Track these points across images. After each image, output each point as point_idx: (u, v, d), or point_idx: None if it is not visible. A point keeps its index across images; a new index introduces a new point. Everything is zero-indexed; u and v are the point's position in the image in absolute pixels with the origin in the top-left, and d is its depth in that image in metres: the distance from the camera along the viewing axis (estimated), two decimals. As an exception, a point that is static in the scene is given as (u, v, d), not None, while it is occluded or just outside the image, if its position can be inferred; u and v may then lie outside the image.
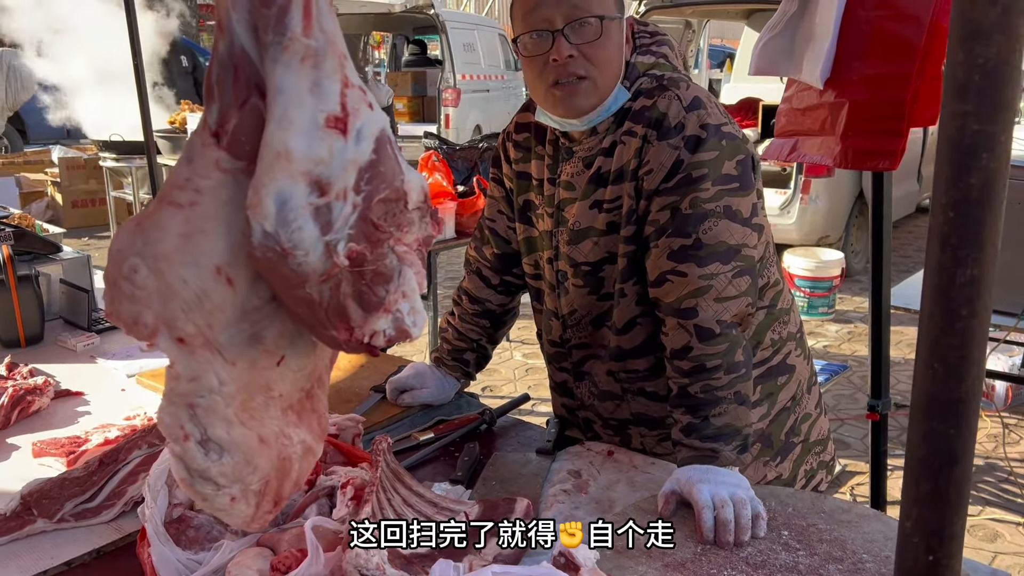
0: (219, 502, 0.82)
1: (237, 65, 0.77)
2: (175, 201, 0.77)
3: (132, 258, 0.76)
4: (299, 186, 0.74)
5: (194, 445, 0.79)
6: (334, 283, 0.77)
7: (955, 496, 0.68)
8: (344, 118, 0.76)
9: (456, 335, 1.80)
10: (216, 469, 0.80)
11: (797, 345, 1.63)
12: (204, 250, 0.77)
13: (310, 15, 0.74)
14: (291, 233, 0.74)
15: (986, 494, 3.35)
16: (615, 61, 1.42)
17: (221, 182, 0.77)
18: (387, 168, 0.78)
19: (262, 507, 0.86)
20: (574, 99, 1.40)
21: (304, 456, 0.90)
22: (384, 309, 0.80)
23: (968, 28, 0.61)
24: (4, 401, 1.66)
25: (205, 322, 0.77)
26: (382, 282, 0.80)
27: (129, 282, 0.76)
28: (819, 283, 5.52)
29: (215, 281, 0.77)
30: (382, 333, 0.81)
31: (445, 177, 3.83)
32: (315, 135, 0.74)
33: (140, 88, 3.57)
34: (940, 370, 0.66)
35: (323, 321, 0.79)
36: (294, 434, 0.88)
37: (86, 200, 7.89)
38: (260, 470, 0.83)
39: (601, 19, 1.37)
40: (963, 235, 0.63)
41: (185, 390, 0.79)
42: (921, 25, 1.90)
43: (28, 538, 1.26)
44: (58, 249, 2.48)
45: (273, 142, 0.73)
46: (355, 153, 0.76)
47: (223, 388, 0.79)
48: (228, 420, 0.80)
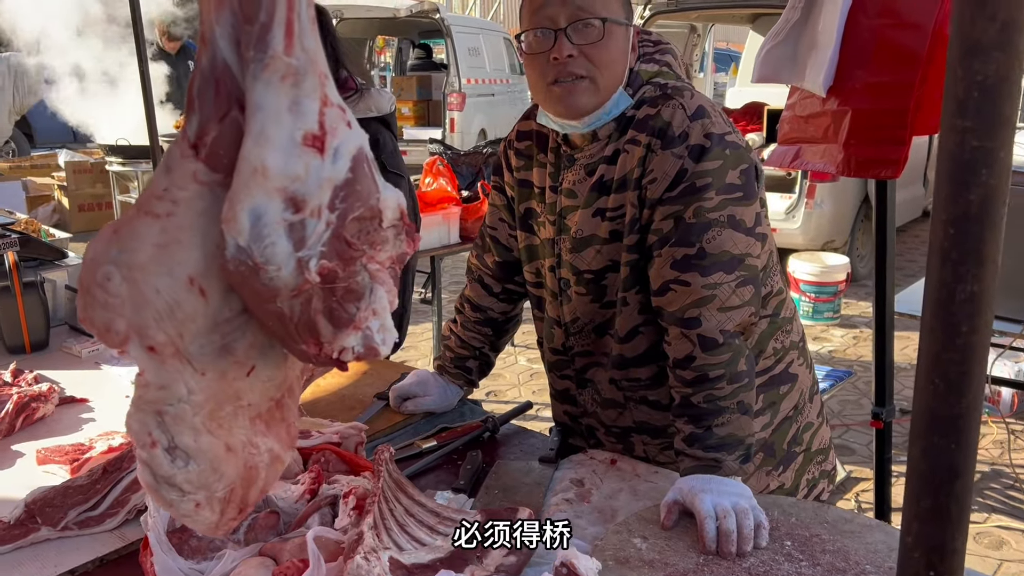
0: (184, 508, 0.83)
1: (219, 78, 0.78)
2: (152, 211, 0.78)
3: (106, 266, 0.77)
4: (274, 202, 0.75)
5: (161, 452, 0.81)
6: (305, 298, 0.78)
7: (956, 511, 0.68)
8: (322, 136, 0.77)
9: (459, 343, 1.81)
10: (182, 476, 0.81)
11: (799, 354, 1.63)
12: (178, 261, 0.78)
13: (292, 34, 0.75)
14: (264, 248, 0.75)
15: (992, 501, 3.34)
16: (617, 64, 1.42)
17: (198, 194, 0.78)
18: (363, 187, 0.79)
19: (227, 513, 0.87)
20: (573, 97, 1.41)
21: (271, 464, 0.92)
22: (354, 326, 0.81)
23: (967, 45, 0.61)
24: (9, 408, 1.67)
25: (176, 332, 0.78)
26: (353, 299, 0.81)
27: (102, 289, 0.76)
28: (824, 288, 5.51)
29: (188, 292, 0.78)
30: (351, 349, 0.82)
31: (450, 182, 3.85)
32: (292, 152, 0.75)
33: (146, 92, 3.59)
34: (941, 385, 0.66)
35: (293, 335, 0.80)
36: (262, 443, 0.90)
37: (92, 204, 7.92)
38: (226, 477, 0.85)
39: (604, 21, 1.37)
40: (963, 251, 0.63)
41: (154, 397, 0.80)
42: (924, 33, 1.90)
43: (32, 546, 1.27)
44: (63, 255, 2.49)
45: (250, 157, 0.74)
46: (331, 171, 0.77)
47: (192, 397, 0.81)
48: (195, 428, 0.81)
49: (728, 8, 6.99)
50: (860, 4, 2.01)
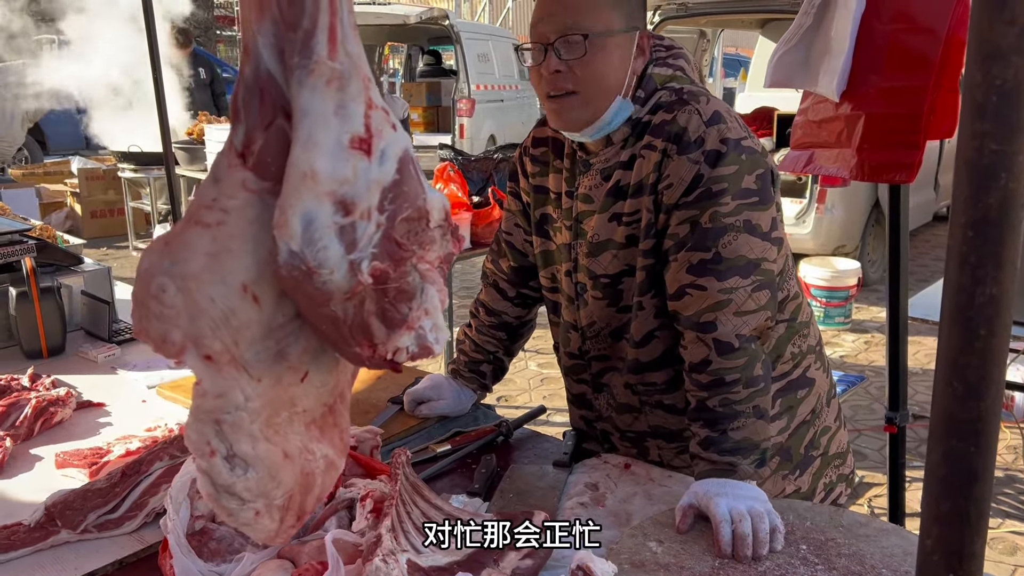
0: (244, 516, 0.83)
1: (263, 87, 0.79)
2: (202, 221, 0.78)
3: (160, 277, 0.77)
4: (324, 206, 0.75)
5: (220, 460, 0.80)
6: (358, 301, 0.78)
7: (975, 515, 0.68)
8: (368, 139, 0.77)
9: (473, 347, 1.81)
10: (242, 484, 0.81)
11: (817, 358, 1.63)
12: (231, 269, 0.78)
13: (335, 39, 0.76)
14: (316, 252, 0.75)
15: (1006, 507, 3.32)
16: (608, 77, 1.42)
17: (247, 202, 0.79)
18: (410, 188, 0.80)
19: (286, 521, 0.87)
20: (565, 112, 1.44)
21: (326, 470, 0.91)
22: (407, 326, 0.81)
23: (986, 49, 0.62)
24: (27, 412, 1.68)
25: (232, 340, 0.79)
26: (405, 299, 0.81)
27: (157, 301, 0.77)
28: (835, 293, 5.50)
29: (242, 299, 0.78)
30: (405, 350, 0.82)
31: (460, 188, 3.86)
32: (340, 156, 0.76)
33: (159, 100, 3.61)
34: (959, 389, 0.66)
35: (347, 338, 0.80)
36: (317, 449, 0.90)
37: (105, 210, 7.97)
38: (284, 485, 0.84)
39: (586, 37, 1.38)
40: (982, 255, 0.64)
41: (212, 406, 0.80)
42: (937, 38, 1.90)
43: (52, 549, 1.28)
44: (79, 261, 2.51)
45: (299, 163, 0.75)
46: (379, 173, 0.78)
47: (249, 404, 0.81)
48: (253, 436, 0.81)
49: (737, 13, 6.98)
50: (874, 9, 2.01)
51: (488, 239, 3.61)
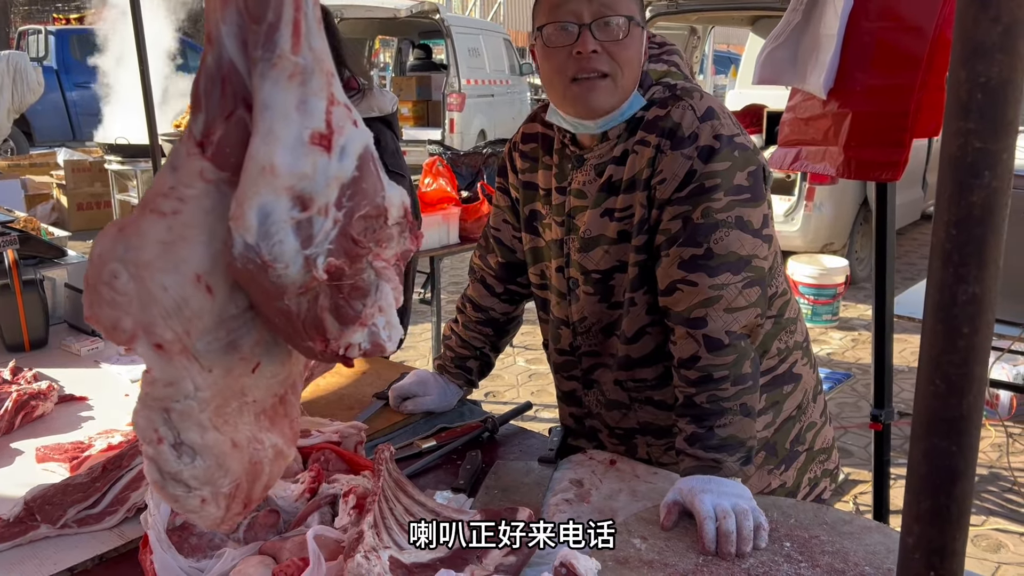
0: (190, 504, 0.84)
1: (225, 77, 0.78)
2: (158, 209, 0.78)
3: (113, 263, 0.77)
4: (282, 200, 0.75)
5: (167, 448, 0.81)
6: (312, 296, 0.79)
7: (957, 513, 0.68)
8: (329, 135, 0.77)
9: (459, 343, 1.81)
10: (188, 472, 0.82)
11: (803, 354, 1.63)
12: (185, 258, 0.78)
13: (299, 33, 0.76)
14: (272, 246, 0.75)
15: (990, 504, 3.34)
16: (636, 65, 1.42)
17: (204, 192, 0.79)
18: (369, 184, 0.80)
19: (232, 509, 0.87)
20: (592, 95, 1.40)
21: (275, 460, 0.92)
22: (360, 323, 0.81)
23: (970, 47, 0.61)
24: (8, 406, 1.67)
25: (183, 329, 0.79)
26: (359, 296, 0.81)
27: (109, 287, 0.77)
28: (823, 290, 5.52)
29: (195, 289, 0.78)
30: (357, 346, 0.82)
31: (449, 183, 3.85)
32: (300, 151, 0.76)
33: (146, 92, 3.59)
34: (942, 387, 0.66)
35: (300, 332, 0.81)
36: (266, 438, 0.90)
37: (91, 203, 7.91)
38: (231, 473, 0.85)
39: (629, 20, 1.38)
40: (965, 253, 0.64)
41: (161, 395, 0.80)
42: (924, 37, 1.91)
43: (31, 544, 1.27)
44: (63, 254, 2.49)
45: (258, 156, 0.74)
46: (338, 169, 0.78)
47: (198, 393, 0.81)
48: (202, 425, 0.81)
49: (728, 10, 6.99)
50: (861, 7, 2.02)
51: (476, 234, 3.60)
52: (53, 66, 12.96)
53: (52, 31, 13.63)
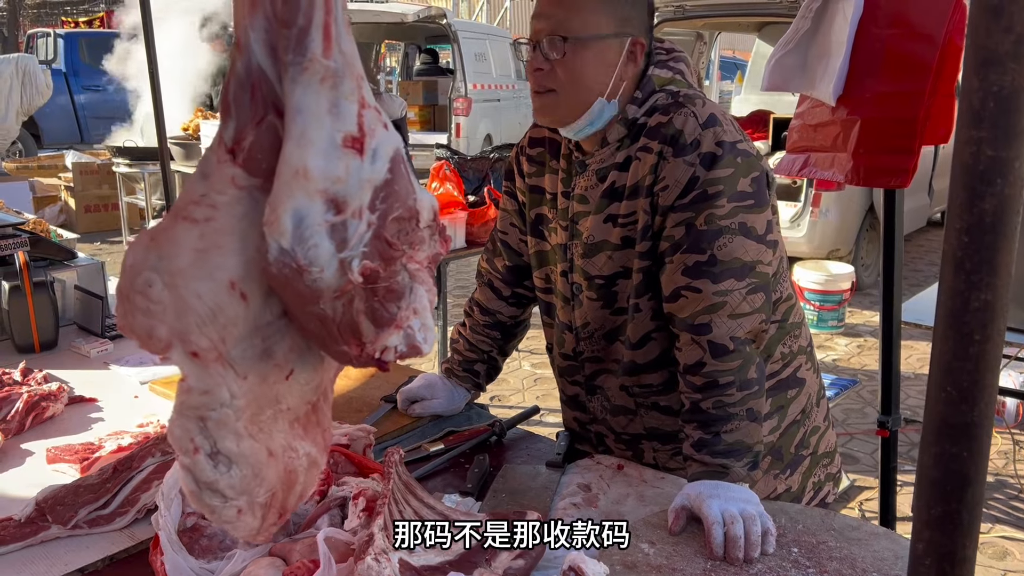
0: (226, 514, 0.83)
1: (254, 83, 0.79)
2: (190, 216, 0.78)
3: (147, 272, 0.77)
4: (316, 204, 0.75)
5: (203, 457, 0.80)
6: (347, 300, 0.78)
7: (967, 519, 0.68)
8: (361, 138, 0.77)
9: (467, 346, 1.81)
10: (225, 481, 0.81)
11: (807, 359, 1.63)
12: (219, 265, 0.78)
13: (330, 37, 0.76)
14: (307, 250, 0.75)
15: (996, 511, 3.33)
16: (587, 79, 1.43)
17: (236, 198, 0.79)
18: (401, 187, 0.80)
19: (268, 519, 0.87)
20: (543, 108, 1.48)
21: (309, 468, 0.92)
22: (396, 325, 0.81)
23: (982, 56, 0.62)
24: (19, 407, 1.68)
25: (218, 336, 0.78)
26: (394, 299, 0.81)
27: (143, 296, 0.76)
28: (829, 296, 5.51)
29: (229, 296, 0.78)
30: (393, 349, 0.82)
31: (456, 187, 3.85)
32: (333, 154, 0.76)
33: (155, 95, 3.60)
34: (953, 393, 0.66)
35: (335, 337, 0.80)
36: (300, 447, 0.90)
37: (99, 205, 7.95)
38: (267, 482, 0.84)
39: (565, 39, 1.40)
40: (977, 260, 0.64)
41: (197, 403, 0.80)
42: (934, 44, 1.91)
43: (42, 544, 1.28)
44: (73, 256, 2.50)
45: (292, 160, 0.75)
46: (371, 172, 0.78)
47: (234, 401, 0.80)
48: (238, 433, 0.81)
49: (734, 16, 7.00)
50: (871, 14, 2.02)
51: (483, 239, 3.61)
52: (62, 69, 13.03)
53: (61, 34, 13.71)
